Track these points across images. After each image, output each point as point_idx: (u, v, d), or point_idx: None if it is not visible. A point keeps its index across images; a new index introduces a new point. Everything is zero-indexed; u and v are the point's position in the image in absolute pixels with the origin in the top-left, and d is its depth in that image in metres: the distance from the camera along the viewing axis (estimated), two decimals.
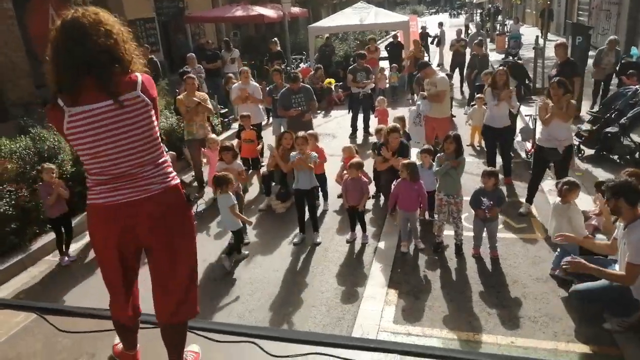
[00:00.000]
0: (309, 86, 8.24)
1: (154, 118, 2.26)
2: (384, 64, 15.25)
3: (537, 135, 6.18)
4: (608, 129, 7.54)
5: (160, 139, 2.35)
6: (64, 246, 5.88)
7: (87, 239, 5.98)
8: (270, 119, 11.91)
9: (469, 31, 29.78)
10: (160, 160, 2.32)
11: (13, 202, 5.88)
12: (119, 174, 2.21)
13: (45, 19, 12.60)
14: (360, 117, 10.58)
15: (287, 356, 2.58)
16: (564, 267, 4.21)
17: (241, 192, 6.26)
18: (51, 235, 6.08)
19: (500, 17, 28.32)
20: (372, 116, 10.45)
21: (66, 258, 5.85)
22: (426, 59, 14.75)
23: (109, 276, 2.40)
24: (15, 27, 11.25)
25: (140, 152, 2.22)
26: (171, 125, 8.94)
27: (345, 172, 6.19)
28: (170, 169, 2.38)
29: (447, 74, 9.55)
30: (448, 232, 5.69)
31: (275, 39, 14.81)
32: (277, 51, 14.42)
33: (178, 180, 2.39)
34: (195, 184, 8.03)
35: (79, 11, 2.19)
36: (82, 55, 2.11)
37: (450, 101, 8.72)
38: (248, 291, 5.11)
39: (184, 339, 2.53)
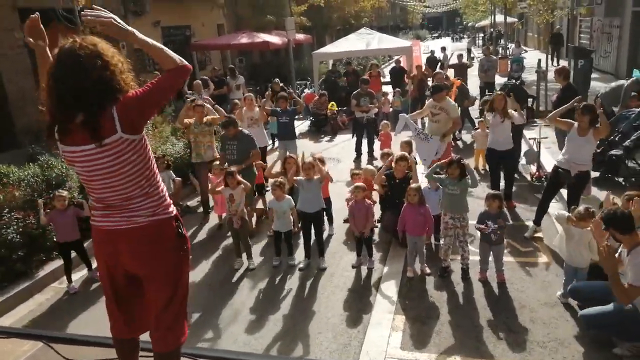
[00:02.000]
0: (249, 135, 7.30)
1: (140, 152, 2.26)
2: (387, 89, 15.42)
3: (559, 156, 6.16)
4: (612, 152, 7.55)
5: (152, 168, 2.35)
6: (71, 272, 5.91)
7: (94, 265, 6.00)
8: (276, 143, 12.06)
9: (472, 54, 30.17)
10: (150, 191, 2.33)
11: (20, 229, 5.92)
12: (108, 204, 2.32)
13: (55, 49, 12.86)
14: (365, 141, 10.66)
15: None
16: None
17: (246, 217, 6.28)
18: (57, 262, 6.10)
19: (502, 41, 28.63)
20: (376, 140, 10.52)
21: (73, 285, 5.85)
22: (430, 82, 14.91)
23: (104, 292, 2.54)
24: (25, 56, 11.49)
25: (127, 188, 2.28)
26: (177, 151, 9.03)
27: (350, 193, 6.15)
28: (164, 201, 2.38)
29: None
30: (454, 256, 5.68)
31: (277, 79, 14.85)
32: (280, 88, 14.42)
33: (171, 214, 2.39)
34: (201, 209, 8.06)
35: (76, 41, 2.21)
36: (75, 87, 2.13)
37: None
38: (254, 318, 5.09)
39: None
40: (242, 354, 4.13)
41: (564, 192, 6.47)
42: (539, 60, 13.04)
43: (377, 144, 10.31)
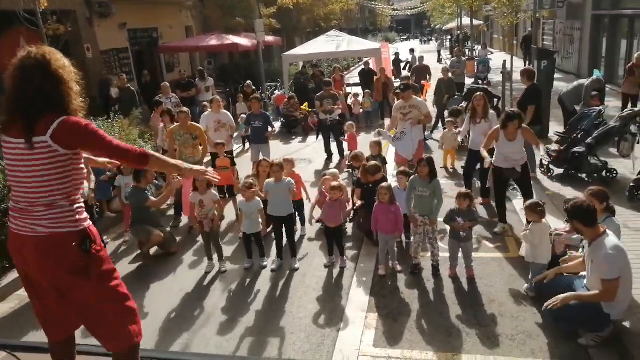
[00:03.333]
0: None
1: (62, 165, 2.32)
2: (357, 90, 15.54)
3: (494, 157, 6.33)
4: (575, 149, 7.78)
5: (68, 184, 2.37)
6: None
7: None
8: (247, 145, 12.00)
9: (441, 57, 30.68)
10: (58, 203, 2.33)
11: None
12: (19, 207, 2.36)
13: (16, 51, 12.48)
14: (334, 143, 10.68)
15: None
16: (549, 308, 4.13)
17: (218, 221, 6.23)
18: None
19: (469, 43, 29.18)
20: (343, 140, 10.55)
21: None
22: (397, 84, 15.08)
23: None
24: None
25: (35, 193, 2.32)
26: None
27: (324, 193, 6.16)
28: (72, 215, 2.36)
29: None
30: (424, 254, 5.75)
31: (249, 82, 14.81)
32: (252, 91, 14.40)
33: (76, 228, 2.35)
34: (172, 212, 7.93)
35: (29, 52, 2.40)
36: (23, 94, 2.32)
37: (423, 125, 8.89)
38: (226, 319, 5.04)
39: None
40: (215, 357, 4.09)
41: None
42: (504, 62, 13.35)
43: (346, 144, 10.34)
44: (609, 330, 4.08)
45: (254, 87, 14.61)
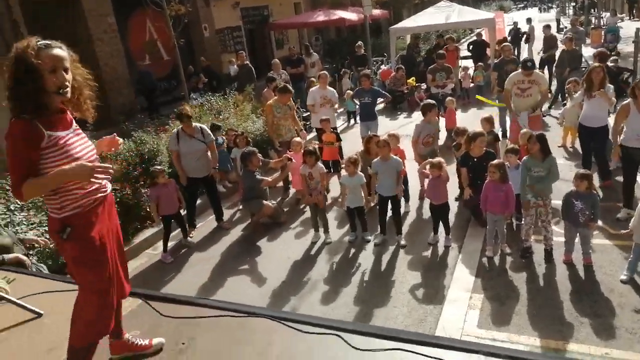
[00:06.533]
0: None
1: None
2: (468, 63, 14.87)
3: (622, 136, 5.78)
4: None
5: None
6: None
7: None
8: (352, 121, 12.13)
9: (561, 25, 28.27)
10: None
11: (117, 199, 6.44)
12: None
13: (143, 32, 13.60)
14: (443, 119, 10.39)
15: (370, 349, 2.66)
16: None
17: (325, 192, 6.42)
18: (151, 231, 6.65)
19: (595, 10, 26.54)
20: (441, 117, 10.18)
21: (169, 257, 6.23)
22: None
23: (112, 263, 2.65)
24: (118, 40, 12.29)
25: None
26: (258, 129, 9.33)
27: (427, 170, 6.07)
28: (59, 199, 2.41)
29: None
30: (537, 237, 5.48)
31: (360, 42, 15.02)
32: (361, 54, 14.61)
33: (61, 215, 2.40)
34: (281, 183, 8.30)
35: (26, 45, 2.26)
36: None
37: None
38: (330, 290, 5.24)
39: None
40: (322, 319, 4.28)
41: None
42: (637, 30, 11.98)
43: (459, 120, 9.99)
44: None
45: (363, 52, 14.67)
